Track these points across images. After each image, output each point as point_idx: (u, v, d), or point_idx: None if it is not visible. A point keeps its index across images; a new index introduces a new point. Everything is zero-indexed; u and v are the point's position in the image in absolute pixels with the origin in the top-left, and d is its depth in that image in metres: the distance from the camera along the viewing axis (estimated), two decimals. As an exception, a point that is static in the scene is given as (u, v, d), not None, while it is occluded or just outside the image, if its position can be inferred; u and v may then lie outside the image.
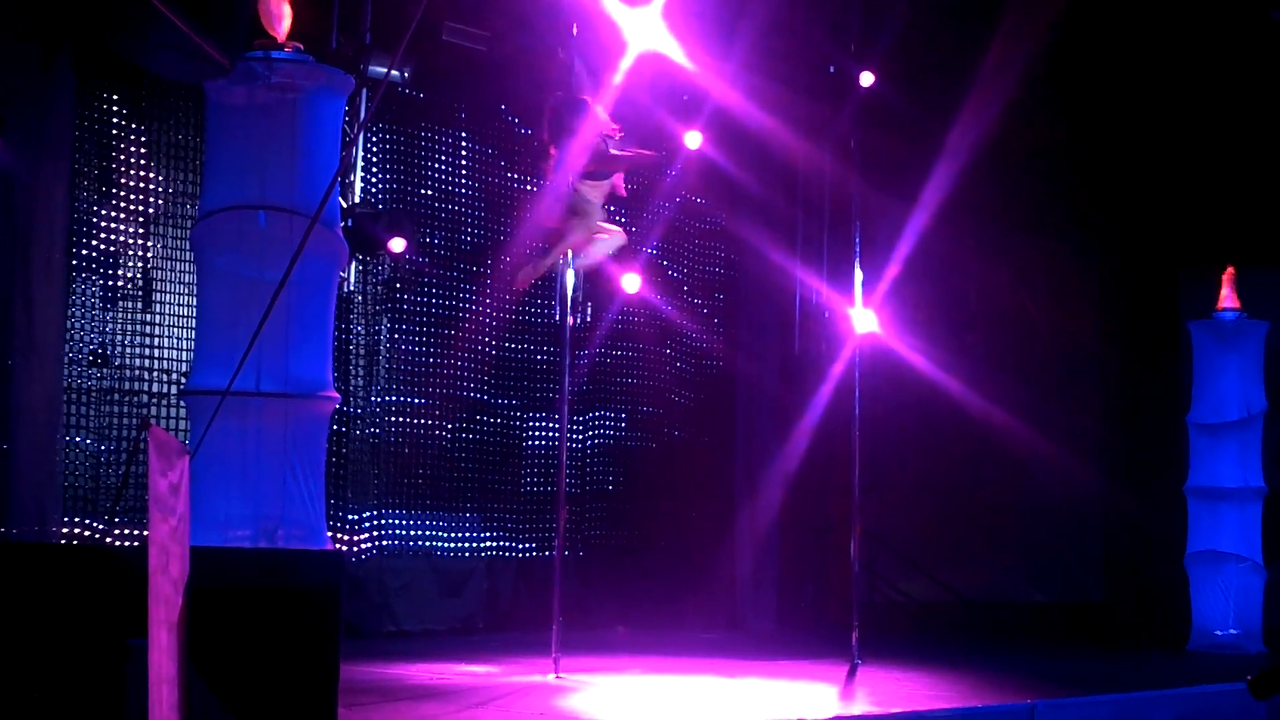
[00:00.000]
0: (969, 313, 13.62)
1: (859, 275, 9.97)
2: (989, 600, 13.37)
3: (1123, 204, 13.63)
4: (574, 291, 9.33)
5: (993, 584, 13.54)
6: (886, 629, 11.79)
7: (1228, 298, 11.75)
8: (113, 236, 9.69)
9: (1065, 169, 13.54)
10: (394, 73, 10.30)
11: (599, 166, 8.57)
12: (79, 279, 9.47)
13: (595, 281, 10.91)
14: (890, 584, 13.17)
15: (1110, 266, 14.00)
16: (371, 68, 9.99)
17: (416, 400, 11.10)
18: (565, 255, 8.90)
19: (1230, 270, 11.81)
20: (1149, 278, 13.77)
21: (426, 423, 11.13)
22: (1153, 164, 13.31)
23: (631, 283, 10.57)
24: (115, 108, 9.73)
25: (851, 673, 9.02)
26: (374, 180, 10.91)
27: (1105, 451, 13.84)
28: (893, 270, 11.63)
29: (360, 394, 10.77)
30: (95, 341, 9.60)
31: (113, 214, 9.71)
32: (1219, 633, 11.44)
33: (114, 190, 9.72)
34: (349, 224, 9.71)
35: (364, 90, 9.93)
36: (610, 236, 8.92)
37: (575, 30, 8.71)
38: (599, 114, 8.56)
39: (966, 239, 13.05)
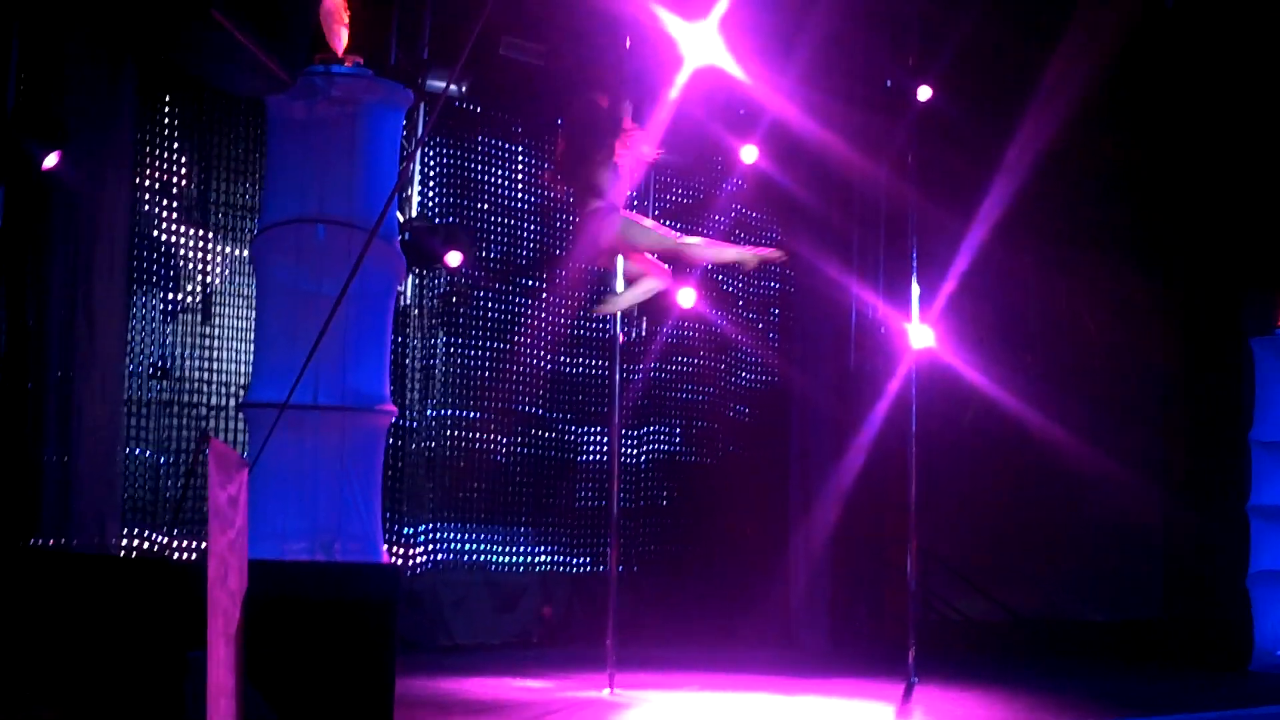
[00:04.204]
0: (1027, 328, 13.49)
1: (916, 290, 9.88)
2: (1046, 618, 13.24)
3: (1186, 220, 13.48)
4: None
5: (1050, 602, 13.40)
6: (942, 647, 11.69)
7: (1291, 315, 11.62)
8: (173, 250, 9.77)
9: (1127, 185, 13.40)
10: (452, 87, 10.34)
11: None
12: (140, 292, 9.55)
13: (651, 297, 10.88)
14: (946, 602, 13.06)
15: (1172, 283, 13.83)
16: (430, 82, 10.02)
17: (472, 414, 11.13)
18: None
19: (1294, 288, 11.68)
20: (1211, 294, 13.60)
21: (482, 437, 11.15)
22: (1217, 180, 13.15)
23: (687, 297, 10.54)
24: (176, 121, 9.81)
25: (908, 691, 8.93)
26: (431, 194, 10.95)
27: (1165, 469, 13.67)
28: (950, 286, 11.53)
29: (416, 408, 10.81)
30: (156, 354, 9.67)
31: (173, 227, 9.79)
32: (1281, 653, 11.29)
33: (174, 204, 9.80)
34: (406, 238, 9.75)
35: (422, 104, 9.97)
36: (653, 279, 8.62)
37: (629, 44, 8.70)
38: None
39: (1025, 254, 12.93)
